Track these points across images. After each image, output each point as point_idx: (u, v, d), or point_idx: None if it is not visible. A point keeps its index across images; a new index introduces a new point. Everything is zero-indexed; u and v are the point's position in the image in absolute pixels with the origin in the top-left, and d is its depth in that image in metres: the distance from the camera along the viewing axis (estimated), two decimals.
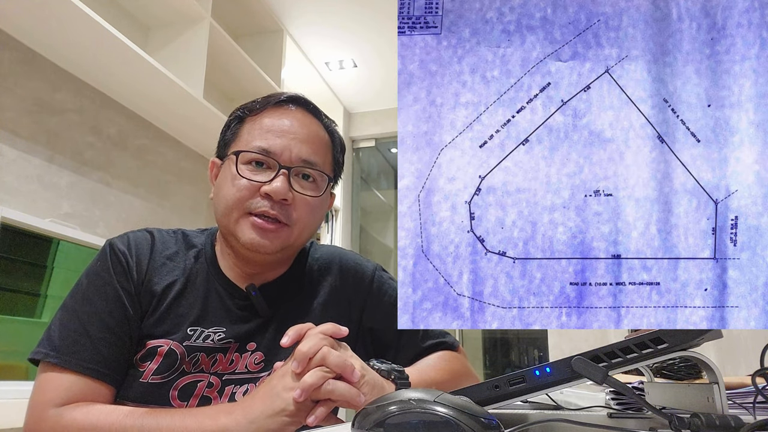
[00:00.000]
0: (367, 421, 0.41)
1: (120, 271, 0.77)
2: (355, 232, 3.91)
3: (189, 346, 0.75)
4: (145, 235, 0.82)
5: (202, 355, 0.76)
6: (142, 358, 0.75)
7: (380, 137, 4.01)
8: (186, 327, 0.77)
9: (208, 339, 0.77)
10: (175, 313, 0.78)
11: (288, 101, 0.84)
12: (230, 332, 0.78)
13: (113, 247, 0.79)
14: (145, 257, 0.79)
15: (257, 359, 0.79)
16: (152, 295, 0.77)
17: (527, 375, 0.50)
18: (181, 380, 0.75)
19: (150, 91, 2.13)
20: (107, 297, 0.75)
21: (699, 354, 0.49)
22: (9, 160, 1.72)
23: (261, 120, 0.81)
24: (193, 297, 0.79)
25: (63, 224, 1.87)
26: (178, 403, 0.74)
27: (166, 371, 0.74)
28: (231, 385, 0.77)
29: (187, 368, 0.75)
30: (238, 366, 0.78)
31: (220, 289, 0.81)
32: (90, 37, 1.79)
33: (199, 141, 2.56)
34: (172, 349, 0.75)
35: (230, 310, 0.80)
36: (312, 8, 2.89)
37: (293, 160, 0.79)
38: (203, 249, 0.85)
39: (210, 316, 0.79)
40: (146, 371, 0.74)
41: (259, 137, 0.79)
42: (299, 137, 0.80)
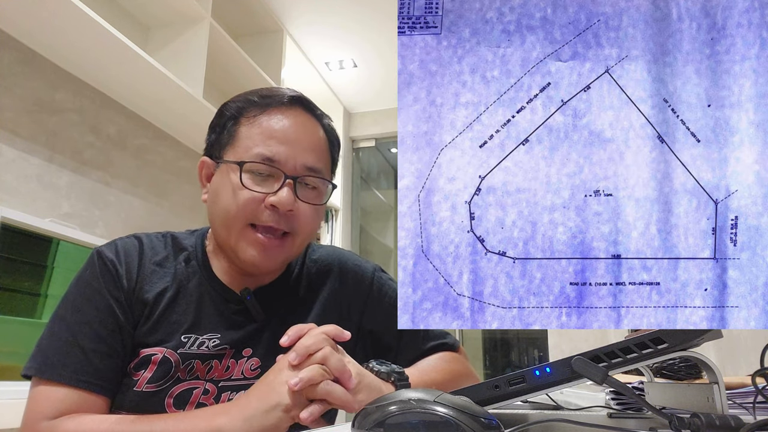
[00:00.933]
0: (367, 421, 0.41)
1: (109, 280, 0.75)
2: (355, 232, 3.91)
3: (183, 354, 0.74)
4: (133, 242, 0.80)
5: (197, 362, 0.75)
6: (135, 367, 0.74)
7: (380, 137, 4.01)
8: (180, 334, 0.75)
9: (202, 346, 0.75)
10: (168, 320, 0.76)
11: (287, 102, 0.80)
12: (225, 338, 0.77)
13: (101, 255, 0.77)
14: (134, 265, 0.77)
15: (253, 365, 0.78)
16: (144, 303, 0.76)
17: (527, 375, 0.50)
18: (176, 388, 0.74)
19: (150, 90, 2.13)
20: (98, 307, 0.73)
21: (699, 354, 0.49)
22: (9, 160, 1.72)
23: (260, 123, 0.77)
24: (186, 303, 0.78)
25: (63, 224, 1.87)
26: (173, 411, 0.73)
27: (160, 379, 0.73)
28: (227, 392, 0.76)
29: (182, 376, 0.74)
30: (234, 372, 0.77)
31: (213, 294, 0.79)
32: (90, 37, 1.78)
33: (199, 141, 2.54)
34: (167, 357, 0.74)
35: (224, 316, 0.78)
36: (312, 8, 2.89)
37: (298, 169, 0.76)
38: (194, 251, 0.83)
39: (204, 322, 0.77)
40: (140, 380, 0.73)
41: (261, 143, 0.75)
42: (303, 144, 0.77)
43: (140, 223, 2.26)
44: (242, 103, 0.80)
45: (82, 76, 2.01)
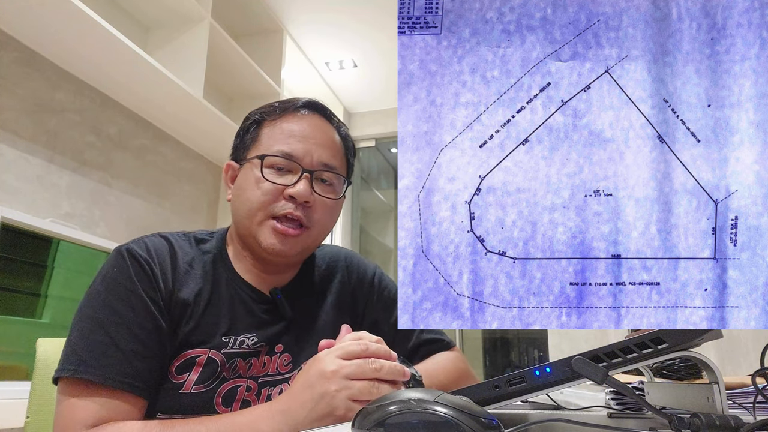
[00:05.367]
0: (367, 421, 0.41)
1: (144, 279, 0.73)
2: (355, 232, 3.91)
3: (227, 353, 0.76)
4: (162, 242, 0.80)
5: (239, 360, 0.77)
6: (178, 370, 0.73)
7: (380, 137, 4.01)
8: (219, 335, 0.76)
9: (243, 344, 0.78)
10: (206, 321, 0.76)
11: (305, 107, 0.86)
12: (260, 336, 0.80)
13: (132, 254, 0.74)
14: (168, 265, 0.77)
15: (285, 360, 0.82)
16: (184, 304, 0.75)
17: (527, 375, 0.50)
18: (222, 387, 0.75)
19: (150, 91, 2.13)
20: (134, 307, 0.71)
21: (699, 354, 0.49)
22: (9, 160, 1.72)
23: (281, 125, 0.83)
24: (220, 304, 0.79)
25: (63, 224, 1.87)
26: (222, 409, 0.73)
27: (207, 380, 0.74)
28: (266, 387, 0.79)
29: (227, 375, 0.75)
30: (270, 368, 0.80)
31: (243, 295, 0.82)
32: (90, 37, 1.79)
33: (199, 141, 2.56)
34: (212, 357, 0.75)
35: (256, 315, 0.81)
36: (312, 8, 2.89)
37: (314, 164, 0.81)
38: (218, 253, 0.84)
39: (239, 323, 0.79)
40: (186, 382, 0.73)
41: (281, 141, 0.81)
42: (319, 142, 0.83)
43: (141, 224, 2.27)
44: (264, 109, 0.87)
45: (82, 77, 2.02)
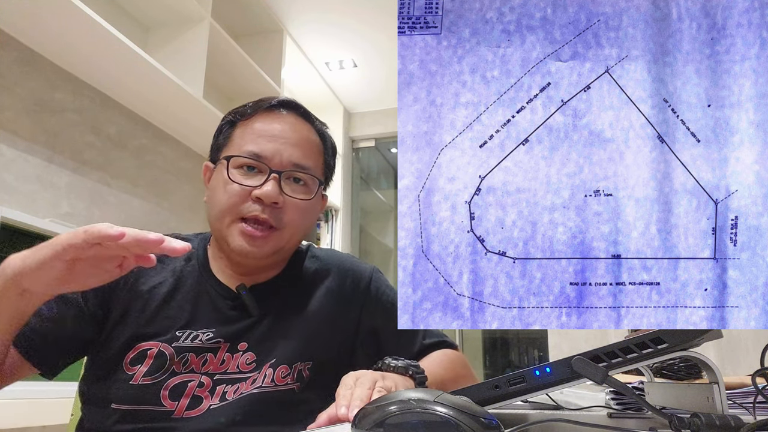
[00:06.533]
0: (367, 421, 0.41)
1: None
2: (355, 232, 3.91)
3: (178, 347, 0.77)
4: None
5: (191, 355, 0.77)
6: (132, 361, 0.76)
7: (380, 137, 4.00)
8: (175, 330, 0.78)
9: (196, 339, 0.78)
10: (164, 315, 0.79)
11: (279, 106, 0.85)
12: (219, 332, 0.79)
13: None
14: None
15: (248, 359, 0.80)
16: (138, 295, 0.78)
17: (527, 375, 0.50)
18: (171, 380, 0.75)
19: (150, 91, 2.13)
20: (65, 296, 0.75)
21: (699, 354, 0.49)
22: (8, 159, 1.72)
23: (252, 124, 0.83)
24: (183, 299, 0.80)
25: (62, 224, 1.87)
26: (168, 402, 0.74)
27: (155, 372, 0.75)
28: (222, 385, 0.77)
29: (177, 369, 0.76)
30: (230, 366, 0.78)
31: (210, 291, 0.82)
32: (90, 37, 1.78)
33: (199, 141, 2.56)
34: (162, 350, 0.76)
35: (220, 311, 0.81)
36: (312, 8, 2.89)
37: (284, 164, 0.80)
38: (195, 252, 0.86)
39: (200, 318, 0.80)
40: (136, 374, 0.75)
41: (251, 142, 0.80)
42: (290, 141, 0.82)
43: (140, 224, 2.26)
44: (238, 110, 0.86)
45: (82, 76, 2.01)
